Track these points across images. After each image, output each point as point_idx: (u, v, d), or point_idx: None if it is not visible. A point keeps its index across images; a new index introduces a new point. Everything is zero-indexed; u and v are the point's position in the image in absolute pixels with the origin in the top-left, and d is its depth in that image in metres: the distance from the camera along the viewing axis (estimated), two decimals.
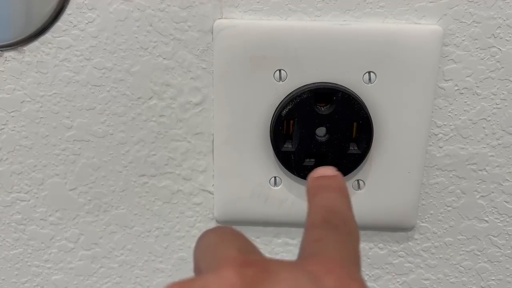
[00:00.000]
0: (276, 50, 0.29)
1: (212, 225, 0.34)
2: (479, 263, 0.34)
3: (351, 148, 0.30)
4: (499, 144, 0.31)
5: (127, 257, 0.35)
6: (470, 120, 0.31)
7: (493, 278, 0.35)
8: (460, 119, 0.31)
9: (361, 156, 0.30)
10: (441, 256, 0.34)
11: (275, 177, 0.32)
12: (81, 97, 0.31)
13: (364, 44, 0.29)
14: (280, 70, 0.29)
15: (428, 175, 0.32)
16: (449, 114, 0.31)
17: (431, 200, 0.33)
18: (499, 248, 0.34)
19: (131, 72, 0.30)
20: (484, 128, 0.31)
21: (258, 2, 0.29)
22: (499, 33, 0.29)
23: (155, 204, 0.34)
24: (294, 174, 0.31)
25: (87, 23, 0.30)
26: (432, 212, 0.33)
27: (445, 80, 0.30)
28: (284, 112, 0.29)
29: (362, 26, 0.29)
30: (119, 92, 0.31)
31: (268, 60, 0.29)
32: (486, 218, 0.33)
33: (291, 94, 0.29)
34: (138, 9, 0.29)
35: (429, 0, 0.29)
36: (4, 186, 0.33)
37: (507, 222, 0.33)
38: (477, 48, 0.29)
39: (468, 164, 0.32)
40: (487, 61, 0.29)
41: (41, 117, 0.32)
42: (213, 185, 0.33)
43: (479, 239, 0.34)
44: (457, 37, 0.29)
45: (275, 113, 0.30)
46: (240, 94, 0.30)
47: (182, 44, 0.30)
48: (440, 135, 0.31)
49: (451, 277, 0.35)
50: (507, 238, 0.34)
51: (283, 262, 0.16)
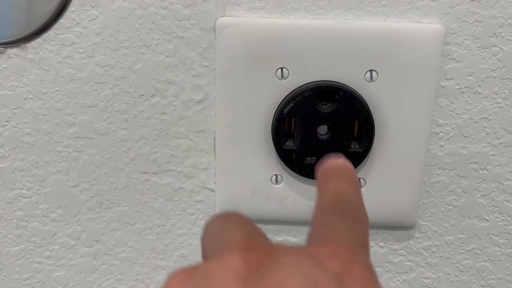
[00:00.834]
0: (278, 48, 0.29)
1: None
2: (480, 262, 0.34)
3: (353, 147, 0.30)
4: (500, 143, 0.31)
5: (129, 254, 0.35)
6: (472, 119, 0.31)
7: (493, 277, 0.35)
8: (461, 118, 0.31)
9: (363, 155, 0.30)
10: (442, 255, 0.34)
11: (277, 175, 0.32)
12: (84, 94, 0.31)
13: (366, 43, 0.29)
14: (282, 68, 0.29)
15: (429, 174, 0.32)
16: (451, 113, 0.31)
17: (432, 199, 0.33)
18: (500, 247, 0.34)
19: (134, 70, 0.31)
20: (485, 127, 0.31)
21: (261, 0, 0.29)
22: (501, 32, 0.29)
23: (157, 202, 0.34)
24: (296, 172, 0.31)
25: (90, 21, 0.30)
26: (433, 211, 0.33)
27: (447, 79, 0.30)
28: (286, 110, 0.30)
29: (364, 25, 0.29)
30: (122, 90, 0.31)
31: (270, 58, 0.29)
32: (487, 217, 0.33)
33: (293, 92, 0.30)
34: (141, 7, 0.29)
35: None
36: (6, 183, 0.33)
37: (508, 221, 0.33)
38: (479, 47, 0.29)
39: (469, 163, 0.32)
40: (489, 60, 0.30)
41: (44, 114, 0.32)
42: (215, 183, 0.33)
43: (480, 238, 0.34)
44: (459, 36, 0.29)
45: (277, 111, 0.30)
46: (242, 92, 0.30)
47: (185, 42, 0.30)
48: (441, 134, 0.31)
49: (452, 276, 0.35)
50: (508, 237, 0.34)
51: (288, 247, 0.16)
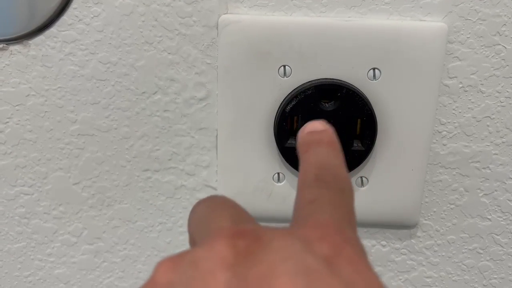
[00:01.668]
0: (281, 46, 0.29)
1: None
2: (482, 261, 0.34)
3: (355, 145, 0.30)
4: (503, 142, 0.31)
5: (130, 252, 0.35)
6: (474, 118, 0.31)
7: (495, 277, 0.35)
8: (464, 117, 0.31)
9: (365, 153, 0.30)
10: (444, 254, 0.34)
11: (279, 173, 0.32)
12: (86, 91, 0.31)
13: (369, 41, 0.29)
14: (285, 66, 0.29)
15: (432, 173, 0.32)
16: (453, 112, 0.31)
17: (434, 198, 0.33)
18: (502, 247, 0.34)
19: (136, 67, 0.30)
20: (488, 126, 0.31)
21: None
22: (504, 31, 0.29)
23: (159, 199, 0.34)
24: (298, 170, 0.31)
25: (93, 17, 0.30)
26: (435, 210, 0.33)
27: (450, 78, 0.30)
28: (288, 108, 0.30)
29: (367, 23, 0.29)
30: (124, 87, 0.31)
31: (273, 56, 0.29)
32: (489, 216, 0.33)
33: (295, 90, 0.30)
34: (144, 4, 0.29)
35: None
36: (8, 180, 0.33)
37: (510, 221, 0.33)
38: (482, 46, 0.29)
39: (472, 162, 0.32)
40: (492, 59, 0.29)
41: (46, 111, 0.32)
42: (217, 181, 0.33)
43: (482, 237, 0.34)
44: (462, 35, 0.29)
45: (279, 109, 0.30)
46: (245, 90, 0.30)
47: (187, 39, 0.30)
48: (444, 133, 0.31)
49: (454, 275, 0.35)
50: (510, 237, 0.33)
51: (276, 230, 0.16)
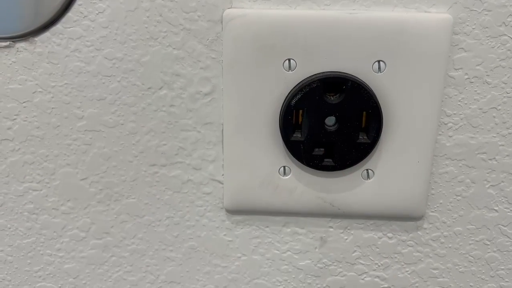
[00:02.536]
0: (286, 40, 0.29)
1: (222, 214, 0.34)
2: (489, 253, 0.34)
3: (361, 138, 0.30)
4: (510, 133, 0.31)
5: (138, 246, 0.35)
6: (480, 109, 0.31)
7: (503, 268, 0.35)
8: (470, 108, 0.31)
9: (371, 146, 0.30)
10: (450, 246, 0.34)
11: (284, 167, 0.32)
12: (92, 88, 0.31)
13: (374, 33, 0.29)
14: (290, 60, 0.29)
15: (438, 165, 0.32)
16: (459, 103, 0.31)
17: (441, 190, 0.33)
18: (509, 238, 0.34)
19: (141, 62, 0.31)
20: (494, 117, 0.31)
21: None
22: (510, 21, 0.29)
23: (166, 194, 0.34)
24: (304, 164, 0.31)
25: (98, 14, 0.30)
26: (442, 202, 0.33)
27: (455, 69, 0.30)
28: (294, 102, 0.30)
29: (371, 15, 0.29)
30: (130, 82, 0.31)
31: (278, 50, 0.29)
32: (496, 208, 0.33)
33: (301, 84, 0.30)
34: None
35: None
36: (17, 176, 0.34)
37: None
38: (488, 37, 0.29)
39: (478, 153, 0.32)
40: (498, 50, 0.29)
41: (53, 108, 0.32)
42: (223, 175, 0.33)
43: (489, 229, 0.34)
44: (468, 26, 0.29)
45: (284, 103, 0.30)
46: (250, 84, 0.30)
47: (192, 34, 0.30)
48: (450, 124, 0.31)
49: (460, 267, 0.35)
50: None
51: None
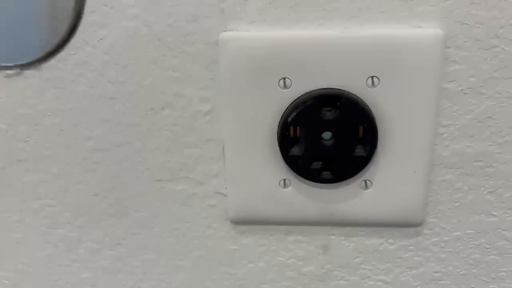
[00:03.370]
0: (280, 60, 0.30)
1: (227, 225, 0.36)
2: (489, 256, 0.35)
3: (357, 151, 0.31)
4: (506, 142, 0.32)
5: (150, 256, 0.37)
6: (475, 119, 0.31)
7: (504, 270, 0.35)
8: (465, 118, 0.31)
9: (367, 158, 0.31)
10: (451, 250, 0.35)
11: (285, 180, 0.33)
12: (98, 110, 0.33)
13: (366, 50, 0.29)
14: (285, 78, 0.30)
15: (436, 173, 0.33)
16: (454, 114, 0.31)
17: (439, 197, 0.34)
18: (509, 241, 0.34)
19: (143, 85, 0.32)
20: (490, 126, 0.31)
21: (261, 14, 0.30)
22: (502, 33, 0.29)
23: (173, 207, 0.35)
24: (302, 177, 0.32)
25: (99, 40, 0.31)
26: (440, 208, 0.34)
27: (449, 81, 0.30)
28: (290, 119, 0.30)
29: (363, 33, 0.29)
30: (133, 104, 0.32)
31: (272, 70, 0.30)
32: (495, 213, 0.34)
33: (296, 101, 0.30)
34: (146, 25, 0.30)
35: (430, 4, 0.29)
36: (32, 194, 0.36)
37: None
38: (480, 49, 0.29)
39: (475, 162, 0.32)
40: (491, 61, 0.30)
41: (62, 130, 0.34)
42: (226, 188, 0.34)
43: (488, 233, 0.34)
44: (459, 39, 0.29)
45: (281, 120, 0.31)
46: (247, 103, 0.31)
47: (190, 57, 0.31)
48: (446, 134, 0.32)
49: (462, 270, 0.36)
50: None
51: None
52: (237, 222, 0.35)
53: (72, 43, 0.31)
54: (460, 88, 0.30)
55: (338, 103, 0.30)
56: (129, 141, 0.34)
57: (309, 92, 0.30)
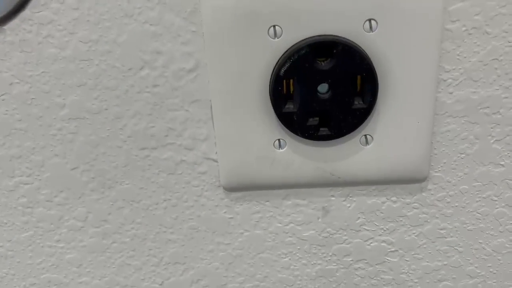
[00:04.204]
0: (269, 5, 0.27)
1: (220, 192, 0.33)
2: (497, 208, 0.33)
3: (356, 103, 0.29)
4: None
5: (138, 231, 0.35)
6: (481, 62, 0.29)
7: (511, 222, 0.34)
8: (470, 62, 0.29)
9: (367, 111, 0.29)
10: (457, 205, 0.33)
11: (279, 140, 0.31)
12: (70, 74, 0.30)
13: None
14: (275, 26, 0.28)
15: (439, 123, 0.31)
16: (458, 57, 0.29)
17: (444, 149, 0.32)
18: None
19: (118, 43, 0.29)
20: (496, 69, 0.29)
21: None
22: None
23: (160, 177, 0.33)
24: (298, 135, 0.30)
25: None
26: (445, 161, 0.32)
27: (452, 21, 0.28)
28: (282, 71, 0.28)
29: None
30: (109, 65, 0.30)
31: (261, 17, 0.27)
32: (502, 162, 0.32)
33: (288, 51, 0.28)
34: None
35: None
36: (6, 171, 0.33)
37: None
38: None
39: (481, 108, 0.30)
40: None
41: (32, 98, 0.31)
42: (216, 153, 0.32)
43: (496, 184, 0.33)
44: None
45: (273, 73, 0.28)
46: (234, 56, 0.28)
47: (168, 7, 0.28)
48: (450, 80, 0.30)
49: (468, 225, 0.34)
50: None
51: None
52: (230, 189, 0.33)
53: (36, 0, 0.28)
54: (464, 28, 0.28)
55: (334, 51, 0.28)
56: (107, 107, 0.31)
57: (302, 41, 0.28)
